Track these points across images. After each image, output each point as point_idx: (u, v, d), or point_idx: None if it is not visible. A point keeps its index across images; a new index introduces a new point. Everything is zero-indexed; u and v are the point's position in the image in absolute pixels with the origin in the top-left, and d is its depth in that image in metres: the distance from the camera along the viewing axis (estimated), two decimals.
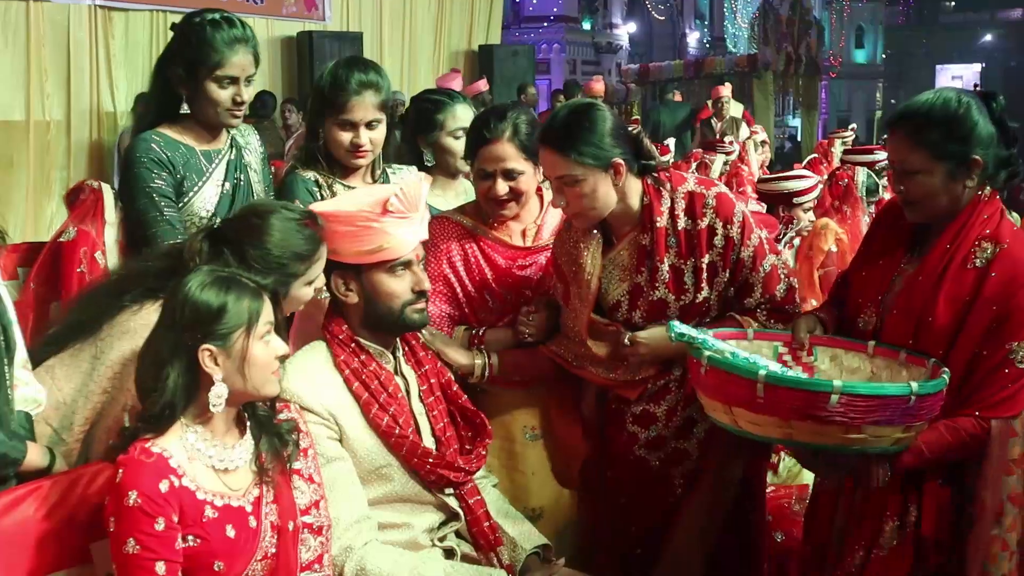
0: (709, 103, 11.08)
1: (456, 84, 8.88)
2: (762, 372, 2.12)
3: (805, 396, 2.09)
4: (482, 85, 10.24)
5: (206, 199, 2.82)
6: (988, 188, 2.29)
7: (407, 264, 2.37)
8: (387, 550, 2.30)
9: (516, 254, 2.80)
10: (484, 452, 2.50)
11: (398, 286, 2.36)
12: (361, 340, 2.39)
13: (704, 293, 2.57)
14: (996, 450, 2.20)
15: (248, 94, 2.83)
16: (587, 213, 2.53)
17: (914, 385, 2.09)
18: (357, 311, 2.39)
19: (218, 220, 2.77)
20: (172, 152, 2.78)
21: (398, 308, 2.37)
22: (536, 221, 2.85)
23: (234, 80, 2.76)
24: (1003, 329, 2.19)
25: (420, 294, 2.39)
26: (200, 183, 2.82)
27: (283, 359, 2.05)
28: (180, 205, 2.78)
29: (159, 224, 2.70)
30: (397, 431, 2.34)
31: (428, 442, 2.42)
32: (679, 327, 2.28)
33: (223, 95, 2.76)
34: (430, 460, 2.37)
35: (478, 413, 2.53)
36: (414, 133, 3.34)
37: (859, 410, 2.08)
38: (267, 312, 2.00)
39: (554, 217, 2.85)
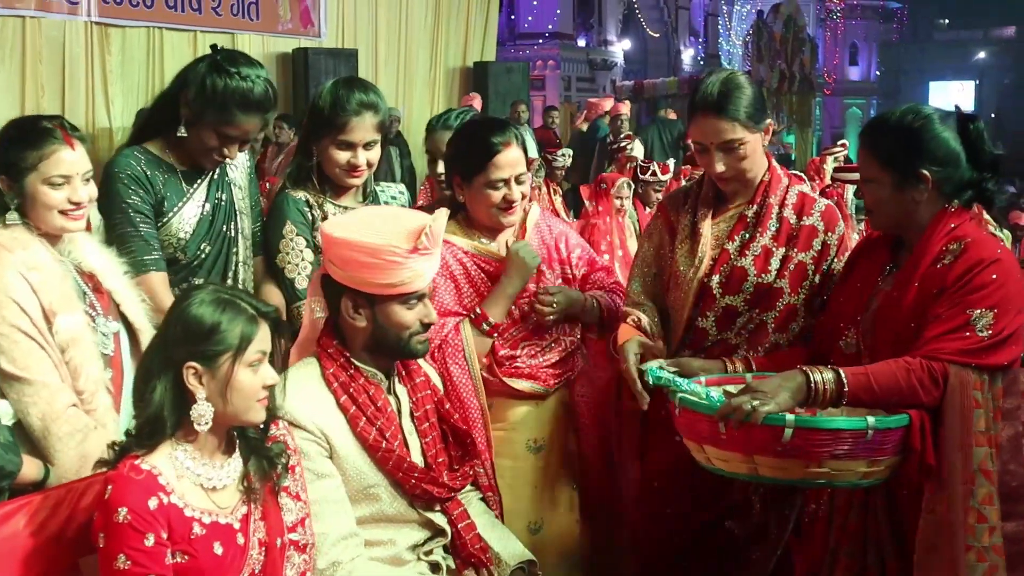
0: None
1: (476, 104, 9.57)
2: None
3: (761, 431, 2.10)
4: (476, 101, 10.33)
5: (184, 220, 2.79)
6: (956, 202, 2.31)
7: (421, 297, 2.39)
8: (374, 566, 2.32)
9: (502, 265, 2.82)
10: (470, 472, 2.52)
11: (409, 317, 2.37)
12: (355, 360, 2.40)
13: (783, 284, 2.62)
14: (957, 400, 2.16)
15: (238, 151, 2.80)
16: (744, 175, 2.64)
17: (871, 419, 2.11)
18: (362, 335, 2.39)
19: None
20: (152, 170, 2.74)
21: (405, 338, 2.39)
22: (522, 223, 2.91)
23: (232, 139, 2.73)
24: (965, 299, 2.19)
25: (427, 326, 2.42)
26: (180, 204, 2.78)
27: (272, 388, 2.05)
28: (159, 225, 2.75)
29: (133, 240, 2.66)
30: (384, 445, 2.35)
31: (416, 461, 2.42)
32: (657, 371, 2.35)
33: (213, 142, 2.73)
34: (415, 475, 2.38)
35: (468, 433, 2.54)
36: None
37: (816, 444, 2.09)
38: (260, 340, 2.00)
39: (534, 215, 2.93)
